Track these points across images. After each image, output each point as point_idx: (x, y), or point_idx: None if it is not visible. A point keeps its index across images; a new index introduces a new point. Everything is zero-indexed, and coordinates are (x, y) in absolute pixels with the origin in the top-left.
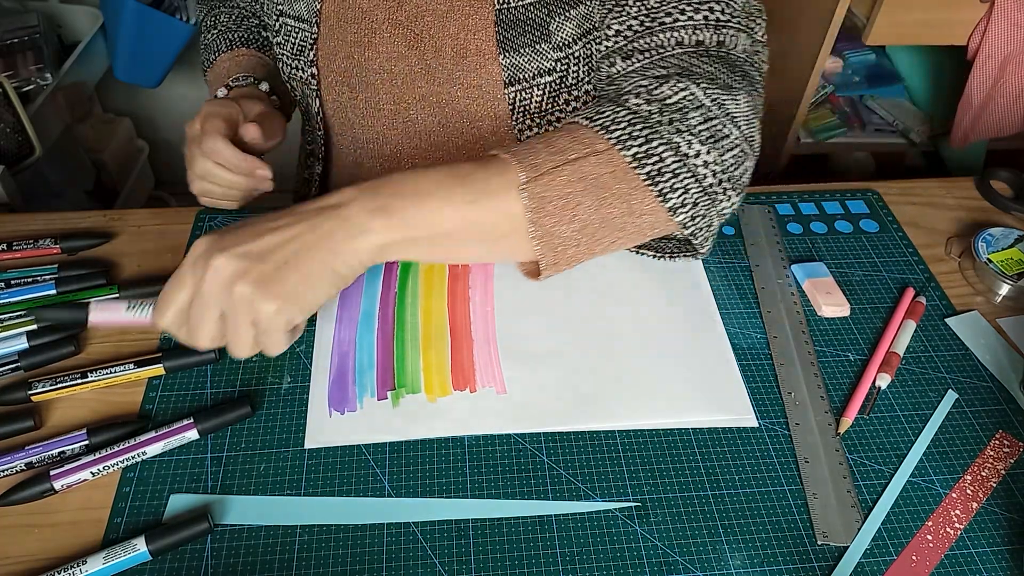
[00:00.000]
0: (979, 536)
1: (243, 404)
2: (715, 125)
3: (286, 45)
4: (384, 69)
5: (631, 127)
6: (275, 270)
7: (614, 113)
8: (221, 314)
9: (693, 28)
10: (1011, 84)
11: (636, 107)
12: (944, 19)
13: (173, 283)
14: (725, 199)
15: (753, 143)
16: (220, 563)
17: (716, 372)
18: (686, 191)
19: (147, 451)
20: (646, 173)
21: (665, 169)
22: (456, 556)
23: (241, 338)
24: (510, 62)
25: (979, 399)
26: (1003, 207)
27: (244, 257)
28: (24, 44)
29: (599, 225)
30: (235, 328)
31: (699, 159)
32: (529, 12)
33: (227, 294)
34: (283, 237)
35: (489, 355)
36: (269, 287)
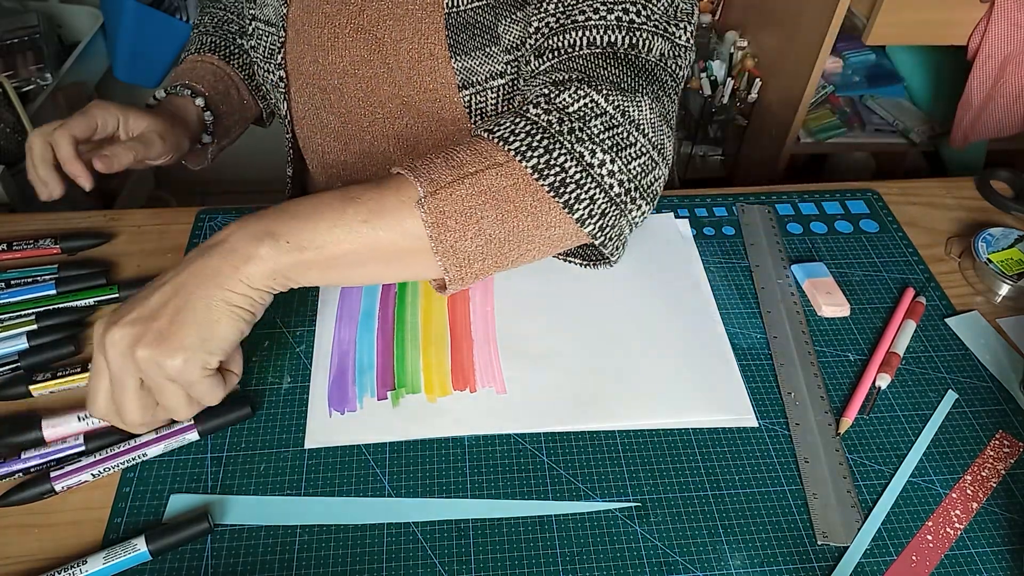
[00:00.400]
0: (979, 536)
1: (243, 405)
2: (619, 133)
3: (258, 48)
4: (349, 72)
5: (530, 137)
6: (169, 324)
7: (514, 124)
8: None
9: (605, 28)
10: (1011, 84)
11: (536, 117)
12: (944, 19)
13: (92, 373)
14: (635, 208)
15: (663, 150)
16: (220, 563)
17: (716, 372)
18: (592, 201)
19: (147, 452)
20: (549, 184)
21: (569, 179)
22: (456, 556)
23: (170, 398)
24: (462, 65)
25: (979, 399)
26: (1003, 207)
27: (135, 322)
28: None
29: (505, 239)
30: (159, 392)
31: (604, 168)
32: (477, 15)
33: (132, 363)
34: (170, 291)
35: (489, 355)
36: (167, 342)
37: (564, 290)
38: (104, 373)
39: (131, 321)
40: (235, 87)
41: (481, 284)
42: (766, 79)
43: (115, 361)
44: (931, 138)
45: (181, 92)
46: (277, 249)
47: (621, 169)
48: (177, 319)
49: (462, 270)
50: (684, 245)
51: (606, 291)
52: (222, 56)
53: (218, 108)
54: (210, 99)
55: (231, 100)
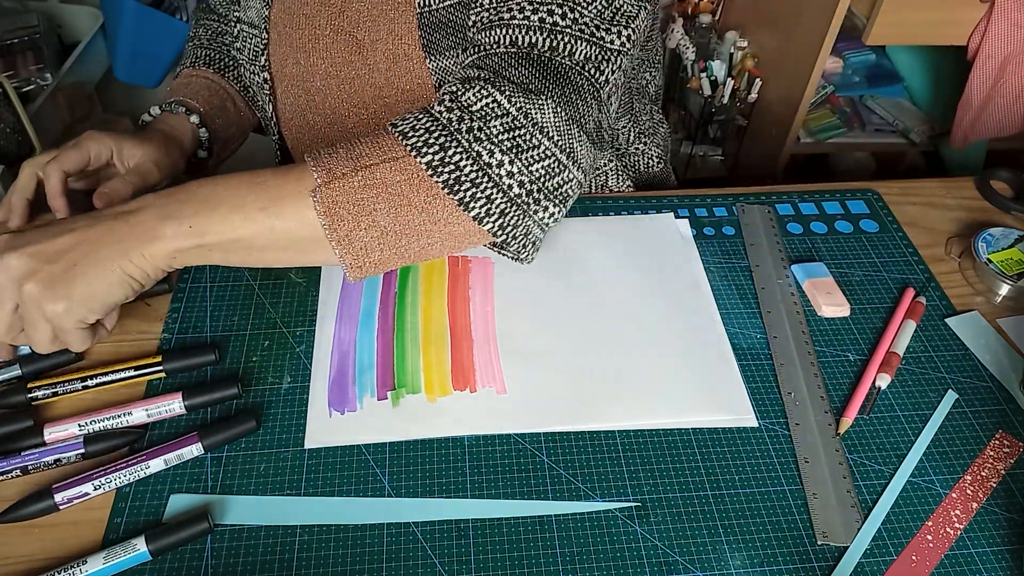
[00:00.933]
0: (979, 536)
1: (248, 419)
2: (520, 135)
3: (244, 51)
4: (331, 74)
5: (428, 134)
6: (63, 271)
7: (416, 120)
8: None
9: (527, 28)
10: (1011, 84)
11: (438, 114)
12: (944, 19)
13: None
14: (540, 209)
15: (572, 154)
16: (220, 563)
17: (716, 372)
18: (489, 200)
19: (150, 465)
20: (443, 181)
21: (464, 177)
22: (456, 556)
23: (38, 333)
24: (437, 65)
25: (979, 399)
26: (1003, 207)
27: (34, 256)
28: (24, 44)
29: (401, 231)
30: (30, 324)
31: (502, 168)
32: (450, 14)
33: (17, 292)
34: (75, 239)
35: (489, 355)
36: (56, 288)
37: (564, 290)
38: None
39: (30, 253)
40: (231, 100)
41: (481, 284)
42: (766, 79)
43: (3, 284)
44: (931, 138)
45: (175, 109)
46: (179, 232)
47: (521, 170)
48: (72, 270)
49: (359, 259)
50: (684, 245)
51: (606, 291)
52: (217, 69)
53: (214, 123)
54: (205, 115)
55: (227, 114)
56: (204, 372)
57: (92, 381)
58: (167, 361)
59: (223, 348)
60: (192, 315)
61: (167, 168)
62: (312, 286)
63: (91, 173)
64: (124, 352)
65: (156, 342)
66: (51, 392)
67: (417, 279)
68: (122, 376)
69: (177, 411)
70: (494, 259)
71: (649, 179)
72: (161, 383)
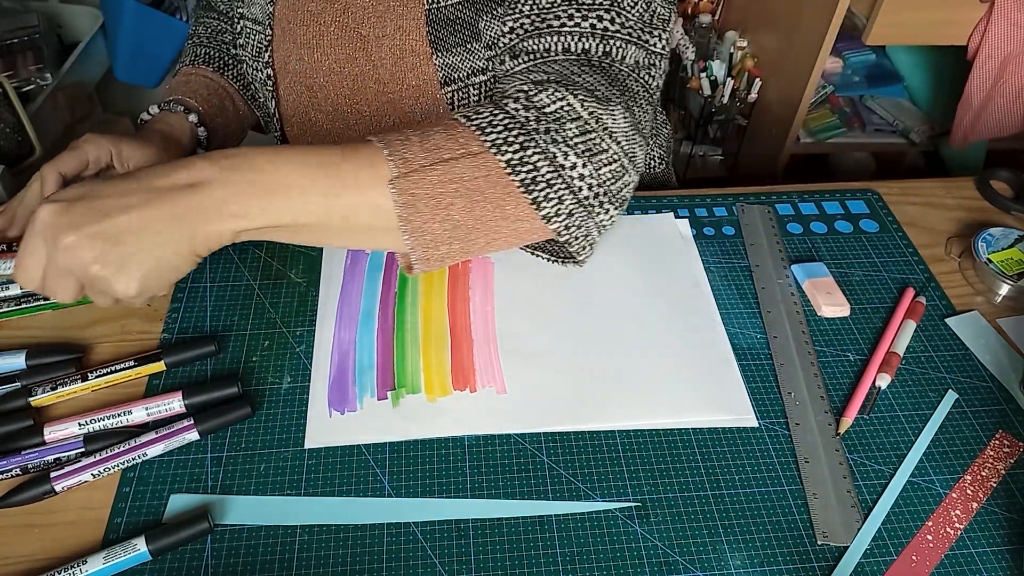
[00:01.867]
0: (979, 536)
1: (243, 405)
2: (592, 139)
3: (247, 47)
4: (335, 71)
5: (507, 132)
6: (131, 254)
7: (492, 115)
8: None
9: (580, 35)
10: (1011, 84)
11: (514, 112)
12: (944, 19)
13: (27, 251)
14: (603, 212)
15: (634, 159)
16: (220, 563)
17: (716, 372)
18: (560, 201)
19: (148, 452)
20: (520, 180)
21: (540, 178)
22: (456, 556)
23: (101, 300)
24: (444, 62)
25: (979, 399)
26: (1003, 207)
27: (98, 238)
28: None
29: (472, 226)
30: (97, 294)
31: (575, 171)
32: (458, 11)
33: (83, 272)
34: (139, 220)
35: (489, 355)
36: (127, 270)
37: (564, 290)
38: (40, 254)
39: (93, 235)
40: (230, 99)
41: (481, 284)
42: (766, 79)
43: (67, 263)
44: (931, 138)
45: (174, 108)
46: (248, 215)
47: (592, 174)
48: (140, 253)
49: (428, 251)
50: (684, 245)
51: (606, 291)
52: (216, 68)
53: (213, 122)
54: (204, 114)
55: (226, 112)
56: (204, 371)
57: (93, 375)
58: (167, 354)
59: (223, 340)
60: (192, 315)
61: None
62: (312, 286)
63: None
64: (124, 352)
65: (156, 342)
66: (51, 388)
67: (417, 279)
68: (122, 368)
69: (177, 409)
70: (494, 259)
71: (650, 179)
72: (161, 383)
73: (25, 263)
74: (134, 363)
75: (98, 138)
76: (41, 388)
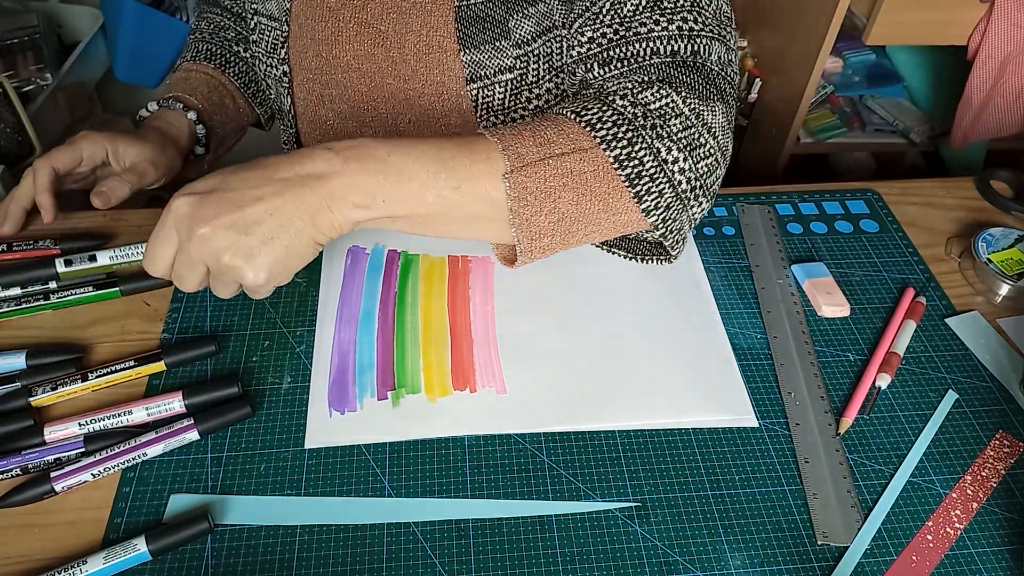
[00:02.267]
0: (979, 536)
1: (243, 405)
2: (692, 134)
3: (261, 43)
4: (352, 67)
5: (616, 128)
6: (261, 243)
7: (601, 112)
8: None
9: (668, 38)
10: (1011, 84)
11: (622, 108)
12: (944, 19)
13: (159, 239)
14: (696, 204)
15: (727, 153)
16: (220, 563)
17: (716, 372)
18: (660, 195)
19: (147, 452)
20: (626, 175)
21: (644, 172)
22: (456, 556)
23: (226, 289)
24: (471, 59)
25: (979, 399)
26: (1003, 207)
27: (230, 229)
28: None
29: (576, 218)
30: (222, 286)
31: (676, 165)
32: (488, 9)
33: (215, 262)
34: (267, 210)
35: (489, 355)
36: (256, 260)
37: (564, 290)
38: (172, 245)
39: (226, 226)
40: (230, 96)
41: (481, 284)
42: (766, 79)
43: (199, 253)
44: (931, 138)
45: (173, 105)
46: (372, 206)
47: (691, 167)
48: (269, 243)
49: (532, 243)
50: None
51: (606, 291)
52: (218, 65)
53: (212, 119)
54: (203, 111)
55: (226, 110)
56: (204, 371)
57: (93, 375)
58: (167, 354)
59: (223, 340)
60: (192, 315)
61: (164, 167)
62: (312, 286)
63: (88, 173)
64: (125, 352)
65: (156, 342)
66: (51, 388)
67: (417, 279)
68: (122, 368)
69: (177, 410)
70: (494, 259)
71: None
72: (161, 383)
73: (156, 252)
74: (134, 363)
75: (93, 135)
76: (41, 388)
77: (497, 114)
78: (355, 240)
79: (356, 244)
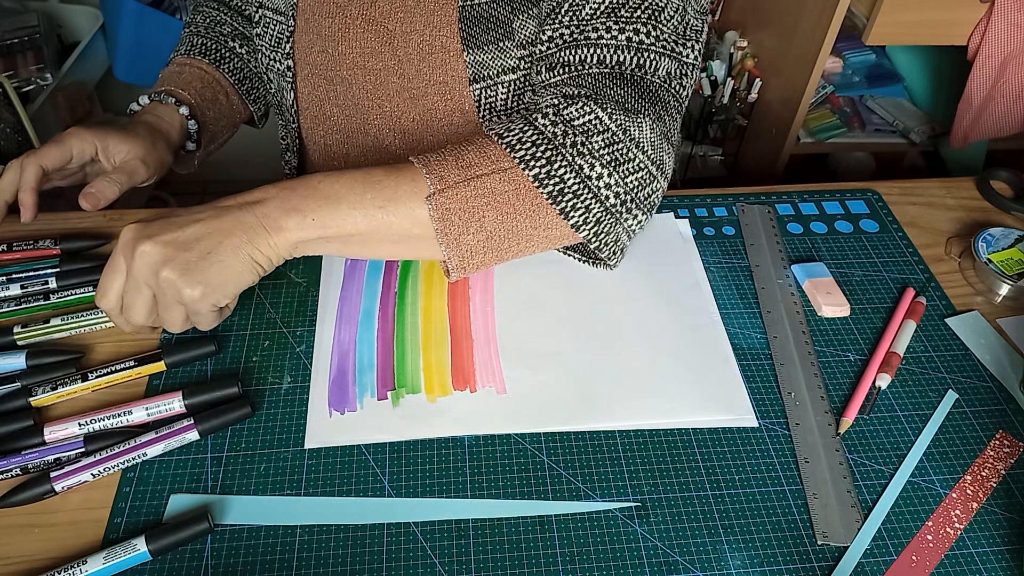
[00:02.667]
0: (979, 536)
1: (243, 405)
2: (618, 149)
3: (265, 37)
4: (358, 64)
5: (535, 147)
6: (199, 258)
7: (522, 132)
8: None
9: (615, 48)
10: (1011, 84)
11: (543, 127)
12: (944, 19)
13: (108, 269)
14: (631, 217)
15: (662, 166)
16: (220, 563)
17: (716, 372)
18: (587, 210)
19: (147, 452)
20: (547, 192)
21: (567, 189)
22: (456, 556)
23: (172, 316)
24: (474, 59)
25: (979, 399)
26: (1003, 207)
27: (169, 245)
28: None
29: (505, 236)
30: (165, 308)
31: (600, 181)
32: (492, 9)
33: (154, 278)
34: (206, 228)
35: (489, 355)
36: (193, 274)
37: (564, 290)
38: (120, 274)
39: (165, 242)
40: (223, 92)
41: (481, 284)
42: (766, 79)
43: (140, 271)
44: (931, 138)
45: (165, 99)
46: (303, 225)
47: (618, 182)
48: (207, 258)
49: (464, 260)
50: (684, 245)
51: (606, 291)
52: (212, 60)
53: (204, 115)
54: (195, 107)
55: (219, 106)
56: (204, 372)
57: (93, 375)
58: (167, 354)
59: (223, 340)
60: None
61: (154, 164)
62: (312, 286)
63: (77, 170)
64: (124, 352)
65: (156, 342)
66: (51, 388)
67: (417, 279)
68: (122, 368)
69: (177, 410)
70: None
71: None
72: (161, 383)
73: (104, 283)
74: (134, 363)
75: (82, 131)
76: (41, 388)
77: (499, 114)
78: None
79: None
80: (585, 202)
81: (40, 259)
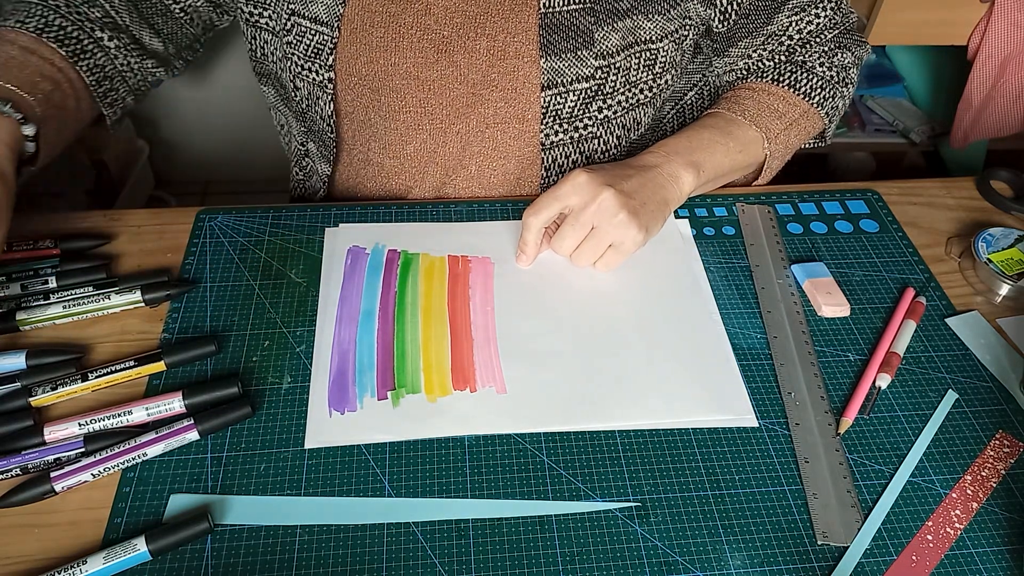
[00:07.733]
0: (979, 536)
1: (243, 405)
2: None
3: (298, 46)
4: (412, 75)
5: (822, 91)
6: (641, 205)
7: (808, 80)
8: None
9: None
10: (1011, 84)
11: (822, 73)
12: (944, 19)
13: (551, 197)
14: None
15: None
16: (220, 563)
17: (716, 372)
18: (838, 111)
19: (147, 452)
20: (826, 114)
21: (837, 110)
22: (456, 556)
23: (597, 252)
24: (550, 66)
25: (979, 399)
26: (1003, 207)
27: (623, 194)
28: None
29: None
30: (597, 244)
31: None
32: (574, 18)
33: (609, 219)
34: (640, 182)
35: (489, 355)
36: (639, 218)
37: (565, 290)
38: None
39: (623, 191)
40: (74, 97)
41: (481, 284)
42: None
43: (596, 211)
44: (931, 138)
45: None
46: (698, 176)
47: (852, 91)
48: (646, 207)
49: (769, 173)
50: (684, 245)
51: (606, 291)
52: (69, 52)
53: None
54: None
55: (64, 115)
56: (204, 371)
57: (93, 375)
58: (167, 354)
59: (223, 340)
60: (192, 315)
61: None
62: (312, 286)
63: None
64: (124, 352)
65: (156, 342)
66: (51, 388)
67: (417, 279)
68: (122, 368)
69: (177, 410)
70: (494, 259)
71: None
72: (161, 383)
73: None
74: (134, 363)
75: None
76: (41, 388)
77: (563, 122)
78: (355, 240)
79: (356, 244)
80: (840, 109)
81: (40, 259)
